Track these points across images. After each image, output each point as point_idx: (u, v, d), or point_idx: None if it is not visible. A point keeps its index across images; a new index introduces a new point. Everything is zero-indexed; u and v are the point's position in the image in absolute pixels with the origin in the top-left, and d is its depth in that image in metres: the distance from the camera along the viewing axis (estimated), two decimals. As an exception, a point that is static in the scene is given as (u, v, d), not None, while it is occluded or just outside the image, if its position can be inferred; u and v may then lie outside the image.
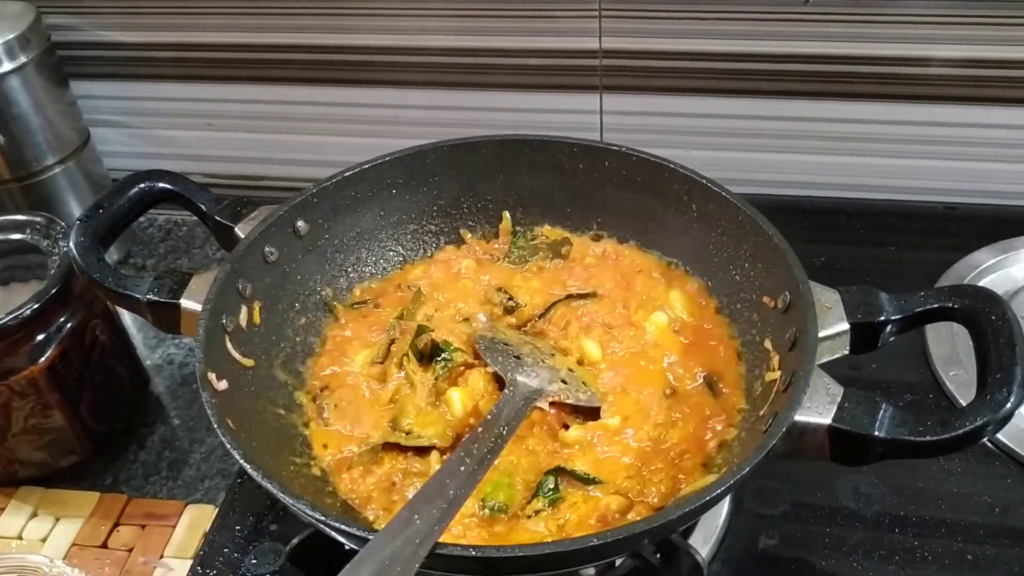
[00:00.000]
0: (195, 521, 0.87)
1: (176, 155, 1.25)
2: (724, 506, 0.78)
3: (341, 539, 0.59)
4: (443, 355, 0.76)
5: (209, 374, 0.67)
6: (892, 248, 1.04)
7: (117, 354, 0.96)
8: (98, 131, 1.21)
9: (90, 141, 1.18)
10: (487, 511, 0.68)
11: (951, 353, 0.89)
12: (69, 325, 0.88)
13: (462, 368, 0.77)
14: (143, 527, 0.87)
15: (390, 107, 1.16)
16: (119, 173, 1.27)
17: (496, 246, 0.90)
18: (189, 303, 0.72)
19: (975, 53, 1.00)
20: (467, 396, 0.75)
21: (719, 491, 0.58)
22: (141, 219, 1.23)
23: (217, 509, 0.84)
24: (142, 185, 0.80)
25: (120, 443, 0.96)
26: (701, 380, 0.76)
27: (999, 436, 0.82)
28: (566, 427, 0.73)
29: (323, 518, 0.58)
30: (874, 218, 1.09)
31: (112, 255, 1.20)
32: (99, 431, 0.94)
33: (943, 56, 1.01)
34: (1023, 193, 1.09)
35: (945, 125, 1.06)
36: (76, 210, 1.16)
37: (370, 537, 0.55)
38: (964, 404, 0.83)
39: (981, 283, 0.97)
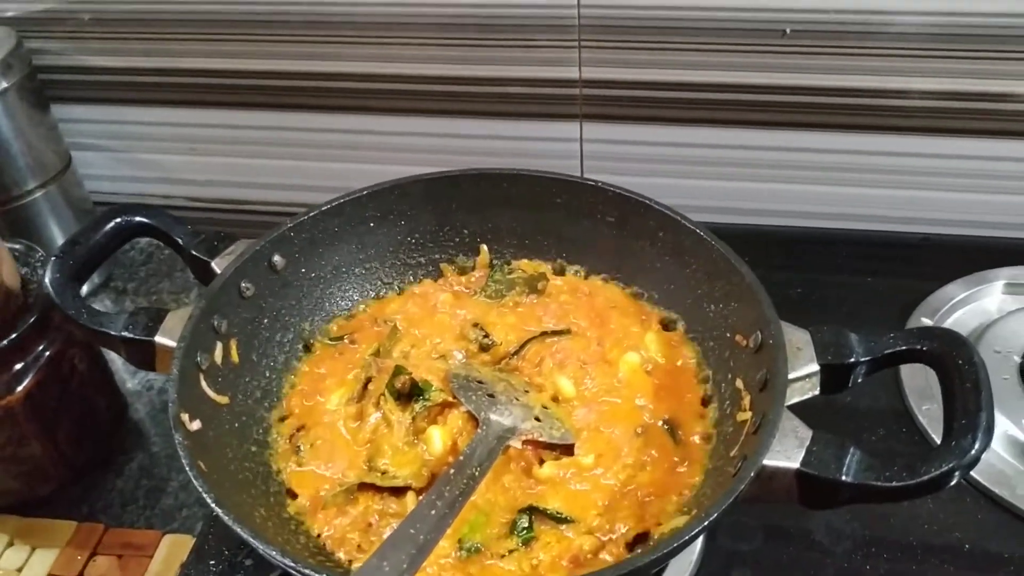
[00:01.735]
0: (172, 551, 0.87)
1: (158, 179, 1.26)
2: (697, 541, 0.78)
3: (312, 584, 0.59)
4: (423, 396, 0.76)
5: (182, 415, 0.67)
6: (868, 279, 1.04)
7: (96, 383, 0.96)
8: (80, 155, 1.22)
9: (72, 165, 1.18)
10: (464, 552, 0.68)
11: (924, 387, 0.90)
12: (47, 354, 0.88)
13: (441, 407, 0.76)
14: (120, 557, 0.87)
15: (372, 134, 1.16)
16: (101, 196, 1.28)
17: (474, 278, 0.90)
18: (164, 340, 0.72)
19: (952, 86, 1.01)
20: (447, 434, 0.75)
21: (688, 536, 0.59)
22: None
23: (194, 539, 0.84)
24: (119, 220, 0.80)
25: (98, 471, 0.95)
26: (664, 425, 0.77)
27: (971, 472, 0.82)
28: (543, 463, 0.74)
29: (293, 564, 0.58)
30: (851, 247, 1.10)
31: (93, 278, 1.20)
32: (77, 460, 0.93)
33: (921, 88, 1.02)
34: (997, 223, 1.10)
35: (922, 156, 1.07)
36: (57, 234, 1.16)
37: (339, 585, 0.55)
38: (936, 439, 0.85)
39: (955, 316, 0.98)
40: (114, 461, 0.97)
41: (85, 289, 1.18)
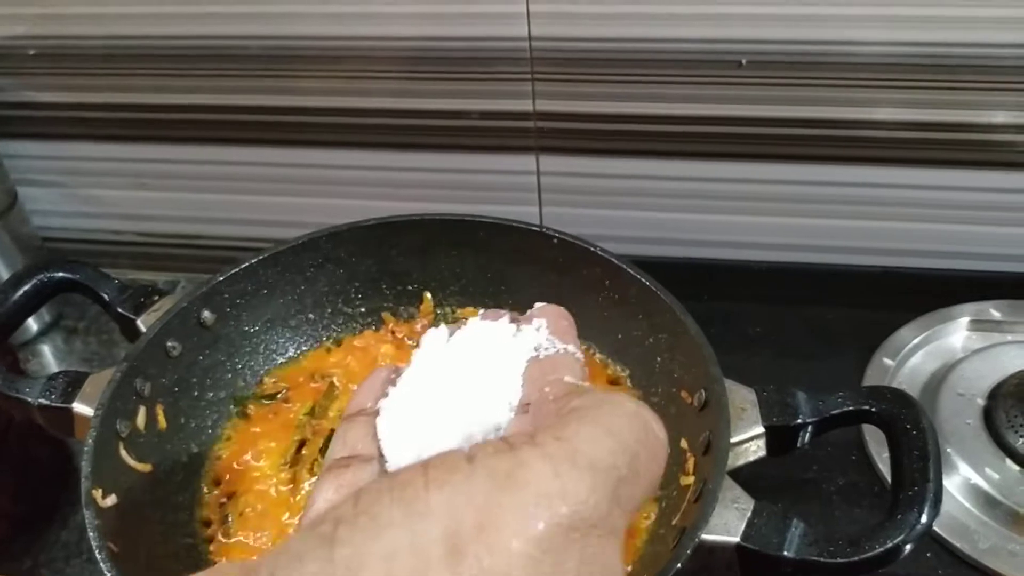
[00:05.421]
0: (112, 609, 0.84)
1: (109, 214, 1.23)
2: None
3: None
4: None
5: (95, 491, 0.63)
6: (829, 315, 1.02)
7: (36, 434, 0.92)
8: (26, 191, 1.18)
9: (18, 202, 1.15)
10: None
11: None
12: (-19, 407, 0.85)
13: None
14: (59, 613, 0.85)
15: (326, 168, 1.13)
16: (49, 233, 1.25)
17: (418, 328, 0.87)
18: (81, 408, 0.69)
19: (913, 116, 0.98)
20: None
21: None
22: (74, 279, 1.22)
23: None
24: (40, 277, 0.77)
25: (42, 523, 0.92)
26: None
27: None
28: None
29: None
30: (813, 280, 1.07)
31: (44, 317, 1.17)
32: (17, 513, 0.91)
33: (881, 119, 0.99)
34: (961, 253, 1.07)
35: (884, 186, 1.04)
36: (4, 273, 1.13)
37: None
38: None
39: (917, 356, 0.95)
40: (58, 512, 0.93)
41: (35, 328, 1.17)
